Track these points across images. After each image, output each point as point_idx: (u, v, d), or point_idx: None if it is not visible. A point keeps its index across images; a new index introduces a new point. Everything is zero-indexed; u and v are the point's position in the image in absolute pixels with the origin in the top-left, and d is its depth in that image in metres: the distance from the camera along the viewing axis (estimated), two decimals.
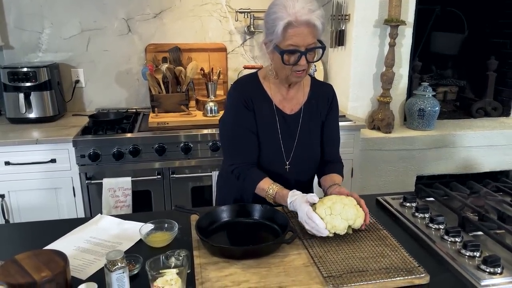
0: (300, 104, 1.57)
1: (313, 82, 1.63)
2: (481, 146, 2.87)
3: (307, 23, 1.33)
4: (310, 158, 1.61)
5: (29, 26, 2.75)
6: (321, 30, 1.37)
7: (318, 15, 1.35)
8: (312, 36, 1.36)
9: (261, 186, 1.48)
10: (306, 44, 1.36)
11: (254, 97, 1.53)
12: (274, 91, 1.56)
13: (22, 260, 1.09)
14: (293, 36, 1.35)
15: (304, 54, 1.37)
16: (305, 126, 1.57)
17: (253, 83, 1.56)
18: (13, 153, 2.28)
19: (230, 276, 1.12)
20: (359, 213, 1.29)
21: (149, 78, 2.64)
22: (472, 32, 3.22)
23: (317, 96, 1.59)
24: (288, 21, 1.33)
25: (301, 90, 1.59)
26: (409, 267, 1.14)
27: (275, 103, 1.55)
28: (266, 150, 1.55)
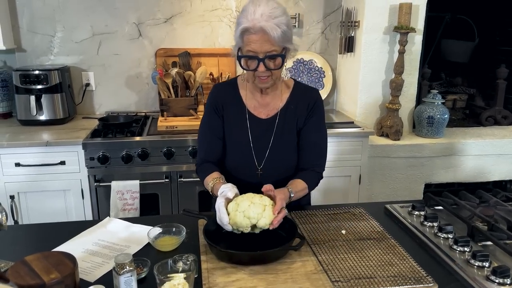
0: (276, 109, 1.56)
1: (295, 86, 1.60)
2: (490, 154, 2.85)
3: (263, 30, 1.34)
4: (284, 165, 1.57)
5: (42, 29, 2.78)
6: (280, 38, 1.36)
7: (278, 22, 1.35)
8: (269, 43, 1.36)
9: (207, 179, 1.50)
10: (264, 51, 1.37)
11: (226, 102, 1.57)
12: (249, 97, 1.57)
13: (32, 262, 1.10)
14: (251, 43, 1.37)
15: (262, 60, 1.38)
16: (280, 132, 1.55)
17: (229, 89, 1.60)
18: (23, 154, 2.30)
19: (237, 281, 1.13)
20: (265, 213, 1.25)
21: (159, 82, 2.66)
22: (482, 39, 3.20)
23: (296, 101, 1.57)
24: (244, 27, 1.36)
25: (279, 96, 1.57)
26: (417, 276, 1.14)
27: (248, 108, 1.56)
28: (235, 155, 1.56)
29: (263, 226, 1.26)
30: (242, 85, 1.60)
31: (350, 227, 1.42)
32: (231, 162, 1.58)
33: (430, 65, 3.14)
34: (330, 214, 1.52)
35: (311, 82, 3.07)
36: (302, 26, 3.01)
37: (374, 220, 1.47)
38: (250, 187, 1.52)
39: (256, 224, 1.26)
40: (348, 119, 2.80)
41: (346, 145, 2.58)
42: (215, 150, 1.58)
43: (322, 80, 3.08)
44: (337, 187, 2.64)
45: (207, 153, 1.59)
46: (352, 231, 1.39)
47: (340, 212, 1.53)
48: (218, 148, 1.58)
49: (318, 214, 1.51)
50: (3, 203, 2.02)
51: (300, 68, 3.04)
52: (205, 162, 1.58)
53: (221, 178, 1.47)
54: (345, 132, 2.58)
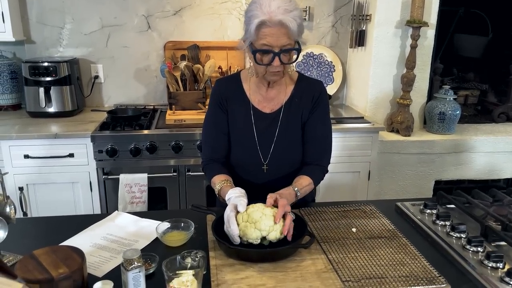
0: (281, 103, 1.54)
1: (299, 78, 1.57)
2: (502, 151, 2.81)
3: (281, 24, 1.30)
4: (290, 159, 1.54)
5: (51, 21, 2.77)
6: (296, 32, 1.33)
7: (294, 15, 1.31)
8: (286, 37, 1.33)
9: (214, 180, 1.48)
10: (280, 45, 1.34)
11: (230, 97, 1.54)
12: (253, 91, 1.54)
13: (40, 256, 1.10)
14: (267, 36, 1.33)
15: (278, 55, 1.34)
16: (284, 126, 1.52)
17: (232, 83, 1.57)
18: (32, 146, 2.31)
19: (246, 279, 1.11)
20: (276, 226, 1.22)
21: (167, 75, 2.64)
22: (496, 35, 3.14)
23: (301, 94, 1.54)
24: (261, 20, 1.31)
25: (283, 90, 1.54)
26: (429, 276, 1.12)
27: (252, 103, 1.53)
28: (241, 150, 1.54)
29: (273, 239, 1.23)
30: (245, 80, 1.56)
31: (361, 225, 1.40)
32: (236, 158, 1.55)
33: (442, 60, 3.08)
34: (340, 211, 1.50)
35: (320, 76, 3.04)
36: (312, 19, 2.97)
37: (385, 218, 1.44)
38: (256, 183, 1.53)
39: (267, 237, 1.23)
40: (358, 114, 2.77)
41: (355, 140, 2.55)
42: (221, 147, 1.56)
43: (332, 74, 3.04)
44: (346, 183, 2.61)
45: (214, 150, 1.57)
46: (362, 229, 1.37)
47: (350, 210, 1.51)
48: (224, 144, 1.56)
49: (328, 211, 1.49)
50: (12, 194, 2.03)
51: (310, 62, 3.01)
52: (211, 160, 1.56)
53: (228, 180, 1.45)
54: (354, 127, 2.55)
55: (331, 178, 2.58)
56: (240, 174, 1.56)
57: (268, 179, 1.54)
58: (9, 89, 2.73)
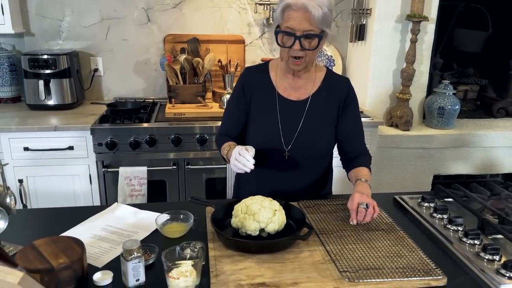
0: (308, 94, 1.56)
1: (328, 74, 1.60)
2: (501, 146, 2.81)
3: (304, 8, 1.33)
4: (312, 149, 1.56)
5: (50, 13, 2.77)
6: (320, 19, 1.35)
7: (320, 2, 1.34)
8: (308, 22, 1.35)
9: (224, 146, 1.52)
10: (302, 29, 1.36)
11: (256, 84, 1.58)
12: (280, 79, 1.57)
13: (41, 246, 1.10)
14: (290, 19, 1.36)
15: (298, 38, 1.37)
16: (310, 116, 1.55)
17: (260, 71, 1.61)
18: (32, 139, 2.31)
19: (245, 270, 1.12)
20: (275, 218, 1.24)
21: (167, 69, 2.64)
22: (496, 30, 3.13)
23: (329, 90, 1.56)
24: (287, 2, 1.36)
25: (311, 81, 1.56)
26: (426, 268, 1.13)
27: (278, 90, 1.56)
28: (263, 136, 1.55)
29: (271, 231, 1.25)
30: (273, 68, 1.60)
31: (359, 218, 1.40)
32: (258, 143, 1.54)
33: (442, 54, 3.08)
34: (339, 204, 1.50)
35: None
36: None
37: (383, 211, 1.45)
38: (277, 170, 1.56)
39: (265, 229, 1.24)
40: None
41: None
42: (234, 127, 1.62)
43: (331, 68, 3.04)
44: (345, 176, 2.60)
45: (228, 127, 1.63)
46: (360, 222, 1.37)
47: None
48: (237, 126, 1.62)
49: (327, 204, 1.50)
50: (11, 186, 2.03)
51: None
52: (224, 135, 1.62)
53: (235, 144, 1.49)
54: None
55: None
56: (260, 159, 1.55)
57: (289, 166, 1.56)
58: (9, 82, 2.73)
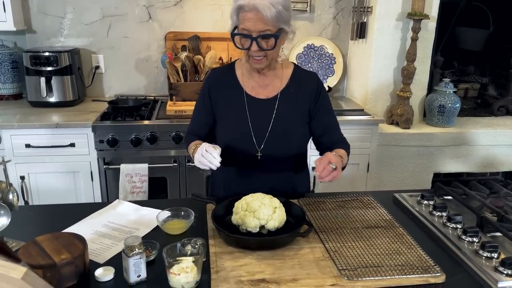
0: (276, 91, 1.55)
1: (295, 70, 1.59)
2: (501, 145, 2.82)
3: (256, 9, 1.33)
4: (285, 147, 1.55)
5: (52, 11, 2.77)
6: (275, 18, 1.34)
7: (273, 1, 1.33)
8: (262, 22, 1.34)
9: (190, 145, 1.53)
10: (257, 30, 1.36)
11: (222, 85, 1.58)
12: (246, 78, 1.56)
13: (43, 242, 1.12)
14: (245, 21, 1.36)
15: (255, 39, 1.37)
16: (281, 114, 1.53)
17: (226, 71, 1.61)
18: (33, 136, 2.32)
19: (245, 266, 1.13)
20: (275, 216, 1.25)
21: (168, 66, 2.65)
22: (497, 28, 3.13)
23: (297, 85, 1.56)
24: (239, 4, 1.36)
25: (278, 78, 1.56)
26: (425, 265, 1.14)
27: (245, 89, 1.55)
28: (235, 137, 1.54)
29: (271, 228, 1.26)
30: (239, 67, 1.59)
31: (358, 215, 1.42)
32: (230, 144, 1.54)
33: (443, 53, 3.09)
34: (339, 202, 1.51)
35: (321, 68, 3.04)
36: (313, 11, 2.96)
37: (382, 209, 1.46)
38: (250, 171, 1.54)
39: (265, 226, 1.25)
40: (358, 107, 2.77)
41: (355, 132, 2.56)
42: (203, 128, 1.61)
43: (332, 66, 3.05)
44: (345, 174, 2.58)
45: (196, 127, 1.63)
46: (360, 219, 1.39)
47: (348, 200, 1.53)
48: (206, 127, 1.61)
49: (327, 202, 1.51)
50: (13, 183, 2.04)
51: (311, 54, 3.01)
52: (192, 134, 1.62)
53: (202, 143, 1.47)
54: (354, 119, 2.56)
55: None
56: (233, 163, 1.56)
57: (262, 167, 1.55)
58: (10, 79, 2.74)
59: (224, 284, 1.06)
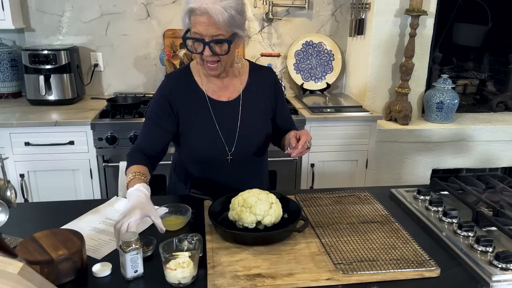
0: (238, 91, 1.53)
1: (251, 67, 1.57)
2: (500, 140, 2.82)
3: (207, 13, 1.27)
4: (254, 146, 1.54)
5: (50, 9, 2.78)
6: (227, 23, 1.30)
7: (226, 6, 1.28)
8: (215, 27, 1.30)
9: (129, 169, 1.38)
10: (210, 35, 1.31)
11: (181, 91, 1.49)
12: (205, 81, 1.51)
13: (41, 238, 1.12)
14: (197, 24, 1.31)
15: (207, 44, 1.32)
16: (246, 113, 1.51)
17: (182, 76, 1.53)
18: (32, 134, 2.33)
19: (241, 261, 1.14)
20: (271, 211, 1.26)
21: (167, 64, 2.66)
22: (496, 24, 3.13)
23: (257, 82, 1.55)
24: (191, 7, 1.30)
25: (237, 78, 1.54)
26: (420, 259, 1.14)
27: (207, 93, 1.50)
28: (204, 143, 1.50)
29: (267, 224, 1.26)
30: (196, 71, 1.52)
31: (355, 210, 1.42)
32: (199, 151, 1.51)
33: (441, 49, 3.08)
34: (335, 197, 1.52)
35: (320, 65, 3.04)
36: (312, 7, 2.97)
37: (379, 204, 1.47)
38: (221, 175, 1.53)
39: (262, 221, 1.26)
40: (357, 103, 2.78)
41: (353, 129, 2.57)
42: (154, 141, 1.50)
43: (331, 63, 3.05)
44: (343, 171, 2.64)
45: (146, 143, 1.50)
46: (356, 214, 1.40)
47: (345, 196, 1.54)
48: (159, 140, 1.50)
49: (323, 197, 1.52)
50: (13, 181, 2.05)
51: (309, 50, 3.01)
52: (139, 150, 1.49)
53: (143, 175, 1.36)
54: (353, 116, 2.56)
55: (329, 166, 2.61)
56: (203, 169, 1.54)
57: (232, 170, 1.53)
58: (9, 77, 2.75)
59: (220, 279, 1.07)
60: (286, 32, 2.98)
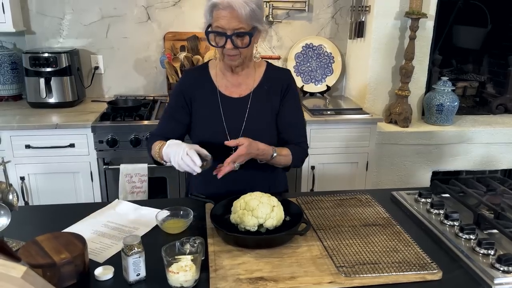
0: (249, 89, 1.56)
1: (268, 68, 1.60)
2: (500, 142, 2.83)
3: (231, 7, 1.33)
4: None
5: (51, 11, 2.78)
6: (249, 16, 1.35)
7: (247, 0, 1.34)
8: (237, 20, 1.35)
9: (154, 145, 1.48)
10: (232, 28, 1.36)
11: (196, 85, 1.56)
12: (220, 77, 1.57)
13: (43, 242, 1.12)
14: (219, 19, 1.36)
15: (229, 37, 1.37)
16: (254, 111, 1.54)
17: (199, 72, 1.60)
18: (33, 137, 2.33)
19: (243, 264, 1.14)
20: (273, 214, 1.26)
21: (167, 66, 2.66)
22: (495, 26, 3.14)
23: (269, 82, 1.56)
24: (214, 2, 1.36)
25: (251, 76, 1.57)
26: (422, 262, 1.15)
27: (219, 89, 1.55)
28: (209, 136, 1.53)
29: (270, 227, 1.27)
30: (213, 67, 1.60)
31: (356, 213, 1.43)
32: (204, 143, 1.51)
33: (441, 51, 3.09)
34: (337, 200, 1.52)
35: (320, 67, 3.05)
36: (312, 10, 2.97)
37: (380, 207, 1.47)
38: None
39: (263, 224, 1.26)
40: (357, 106, 2.78)
41: (354, 131, 2.57)
42: (168, 132, 1.56)
43: (331, 65, 3.06)
44: (344, 173, 2.64)
45: (164, 130, 1.59)
46: (357, 217, 1.40)
47: (346, 198, 1.54)
48: (173, 131, 1.57)
49: (325, 200, 1.52)
50: (13, 184, 2.06)
51: (309, 53, 3.02)
52: (158, 135, 1.57)
53: None
54: (353, 118, 2.57)
55: (329, 169, 2.61)
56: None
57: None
58: (10, 80, 2.75)
59: (223, 282, 1.07)
60: (286, 35, 2.99)
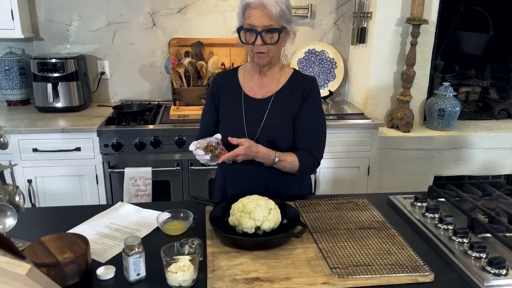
0: (272, 91, 1.61)
1: (294, 74, 1.65)
2: (502, 148, 2.84)
3: (262, 5, 1.44)
4: (276, 145, 1.56)
5: (59, 18, 2.85)
6: (279, 15, 1.45)
7: (278, 0, 1.44)
8: (268, 18, 1.45)
9: None
10: (262, 25, 1.45)
11: (224, 88, 1.66)
12: (246, 79, 1.65)
13: (47, 242, 1.17)
14: (250, 17, 1.47)
15: (259, 34, 1.46)
16: (273, 113, 1.58)
17: (228, 75, 1.72)
18: (40, 140, 2.39)
19: (240, 265, 1.18)
20: (270, 217, 1.30)
21: (172, 72, 2.71)
22: (497, 32, 3.16)
23: (292, 87, 1.61)
24: (246, 2, 1.47)
25: (276, 79, 1.62)
26: (414, 265, 1.17)
27: (244, 90, 1.63)
28: (229, 133, 1.55)
29: (267, 229, 1.30)
30: (241, 71, 1.68)
31: (352, 217, 1.45)
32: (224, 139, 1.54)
33: (443, 57, 3.12)
34: (334, 204, 1.55)
35: (322, 73, 3.08)
36: (314, 16, 3.01)
37: (376, 210, 1.50)
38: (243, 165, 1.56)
39: (261, 226, 1.30)
40: (359, 111, 2.81)
41: (355, 136, 2.60)
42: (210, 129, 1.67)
43: (333, 71, 3.09)
44: (345, 178, 2.66)
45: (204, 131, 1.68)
46: (353, 221, 1.43)
47: (343, 202, 1.57)
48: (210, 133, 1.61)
49: (322, 204, 1.55)
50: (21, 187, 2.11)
51: (312, 58, 3.05)
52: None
53: None
54: (355, 123, 2.60)
55: (331, 173, 2.64)
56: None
57: (255, 164, 1.56)
58: (18, 85, 2.81)
59: (220, 282, 1.10)
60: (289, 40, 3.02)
